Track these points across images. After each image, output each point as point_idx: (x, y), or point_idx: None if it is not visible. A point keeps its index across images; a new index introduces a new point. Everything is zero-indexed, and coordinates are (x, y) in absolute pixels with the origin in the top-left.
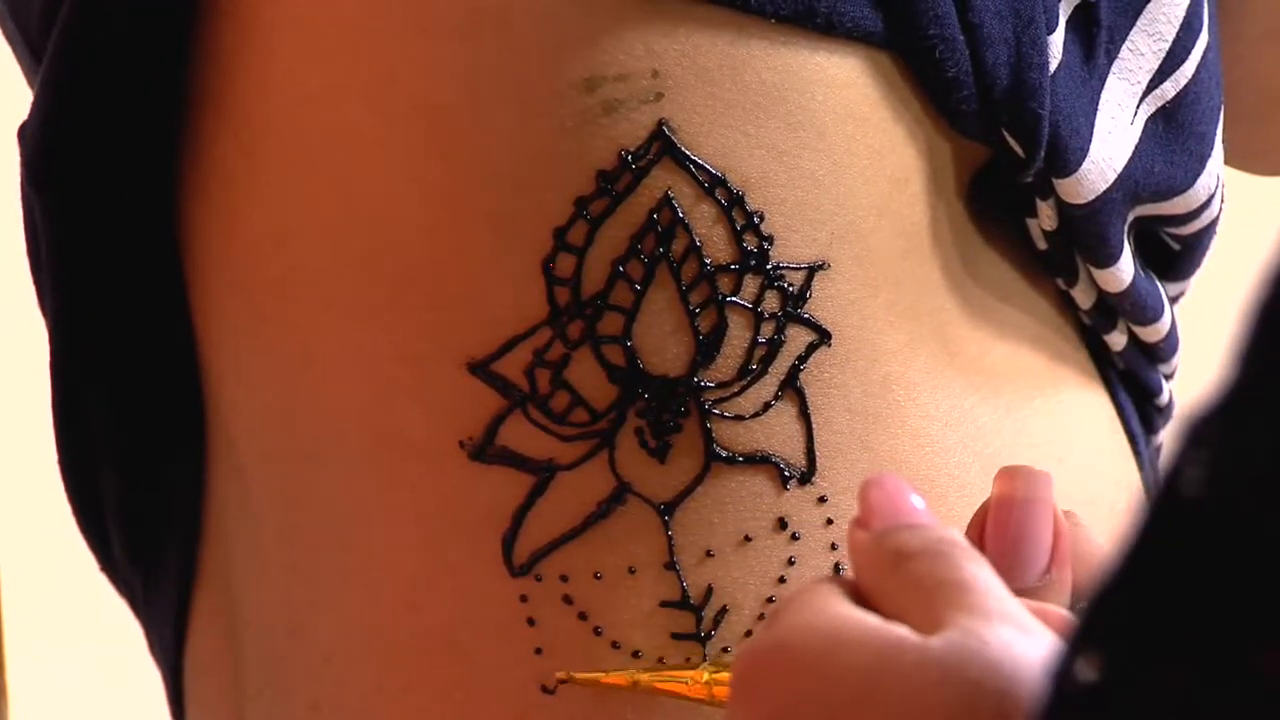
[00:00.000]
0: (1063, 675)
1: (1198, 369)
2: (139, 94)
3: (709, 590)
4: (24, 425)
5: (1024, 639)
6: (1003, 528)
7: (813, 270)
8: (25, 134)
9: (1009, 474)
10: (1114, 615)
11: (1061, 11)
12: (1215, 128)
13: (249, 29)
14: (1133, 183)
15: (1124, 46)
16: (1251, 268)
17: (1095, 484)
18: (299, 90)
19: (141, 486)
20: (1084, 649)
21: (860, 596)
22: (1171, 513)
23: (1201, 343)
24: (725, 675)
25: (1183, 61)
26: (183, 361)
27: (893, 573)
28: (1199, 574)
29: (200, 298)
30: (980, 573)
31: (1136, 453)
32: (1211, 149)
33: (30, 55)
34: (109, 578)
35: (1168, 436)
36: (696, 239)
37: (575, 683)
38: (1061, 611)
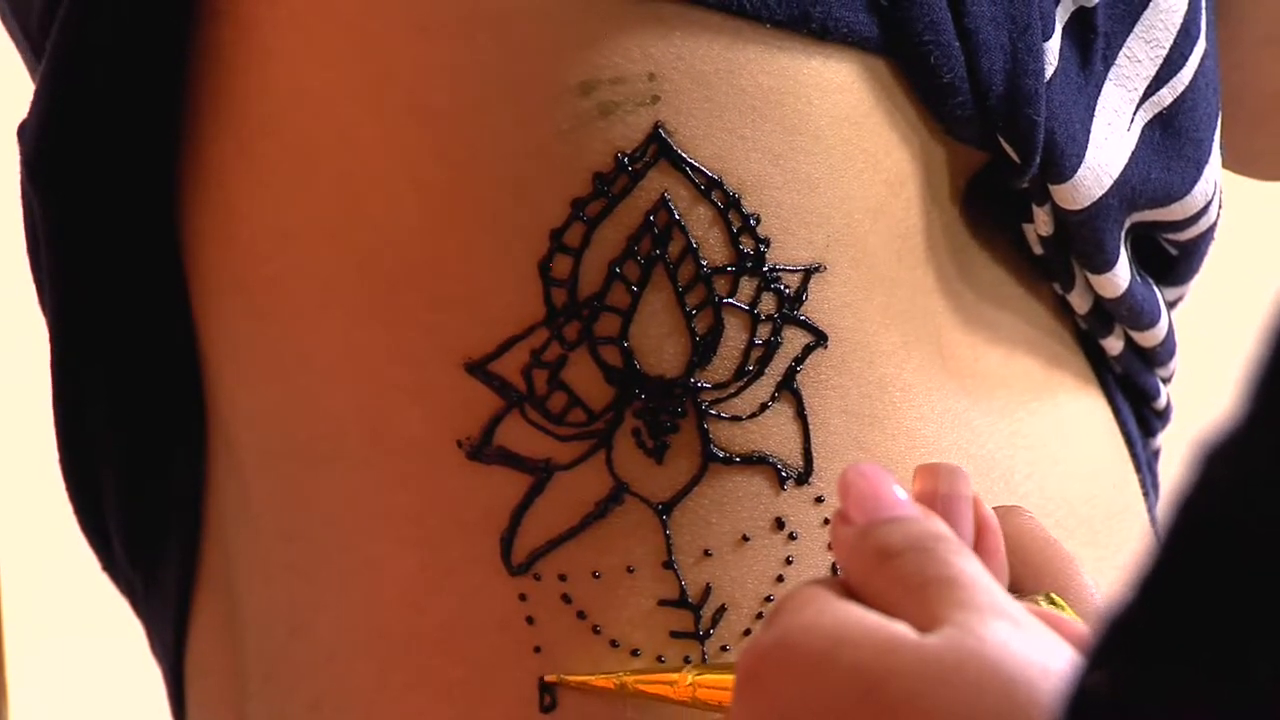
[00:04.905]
0: (1077, 691)
1: (1196, 373)
2: (138, 93)
3: (707, 589)
4: (24, 425)
5: (1019, 633)
6: None
7: (809, 272)
8: (24, 132)
9: (929, 471)
10: (1128, 633)
11: (1058, 18)
12: (1212, 134)
13: (248, 29)
14: (1129, 189)
15: (1121, 53)
16: (1250, 273)
17: (1091, 486)
18: (297, 90)
19: (141, 486)
20: (1098, 665)
21: (852, 592)
22: (1186, 535)
23: (1200, 347)
24: (709, 678)
25: (1180, 68)
26: (182, 360)
27: (879, 570)
28: (1214, 597)
29: (200, 297)
30: (968, 566)
31: (1133, 455)
32: (1209, 155)
33: (31, 53)
34: (111, 578)
35: (1165, 440)
36: (693, 241)
37: (566, 685)
38: (1077, 624)
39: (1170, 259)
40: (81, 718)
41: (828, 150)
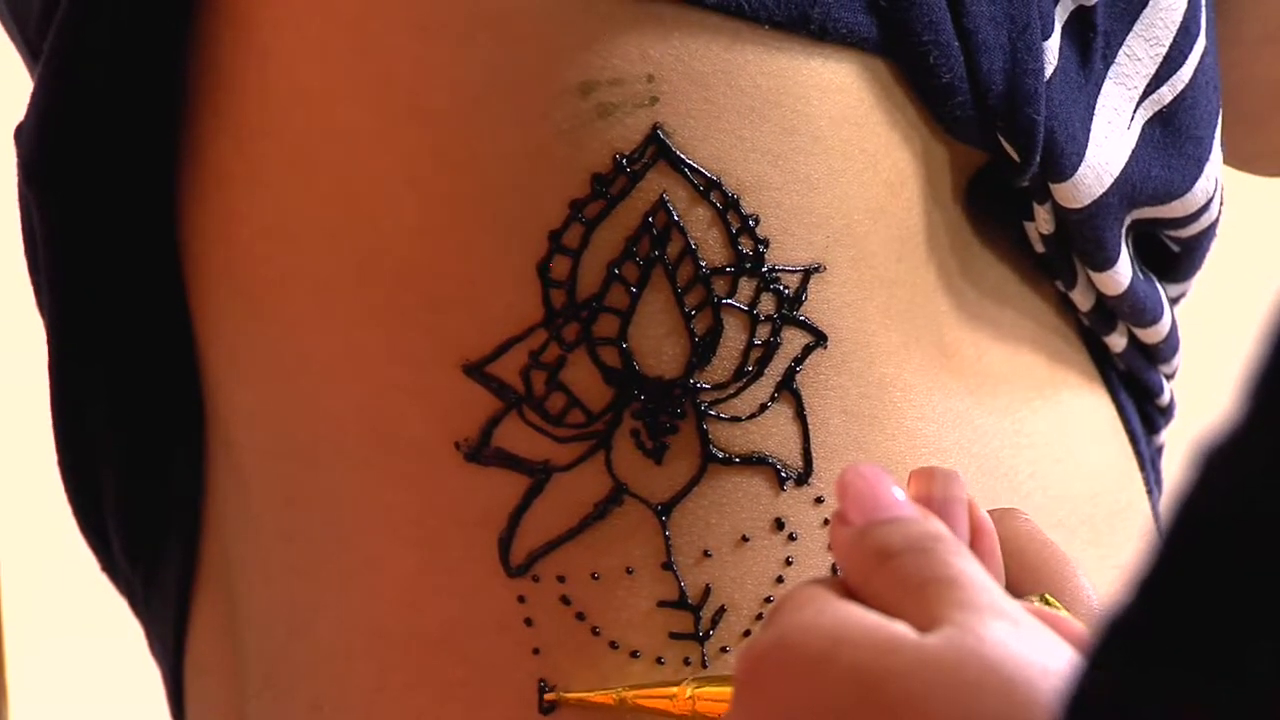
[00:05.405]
0: (1077, 691)
1: (1199, 369)
2: (136, 94)
3: (707, 590)
4: (24, 425)
5: (1018, 633)
6: None
7: (809, 273)
8: (22, 134)
9: (924, 475)
10: (1127, 634)
11: (1057, 17)
12: (1213, 131)
13: (247, 29)
14: (1129, 187)
15: (1120, 51)
16: (1252, 269)
17: (1096, 483)
18: (296, 91)
19: (141, 486)
20: (1097, 666)
21: (851, 593)
22: (1185, 535)
23: (1203, 343)
24: (709, 690)
25: (1180, 66)
26: (182, 361)
27: (878, 570)
28: (1212, 597)
29: (199, 298)
30: (967, 567)
31: (1137, 453)
32: (1209, 152)
33: (29, 55)
34: (111, 579)
35: (1168, 437)
36: (692, 242)
37: (564, 702)
38: (1076, 624)
39: (1172, 256)
40: (81, 718)
41: (827, 151)
